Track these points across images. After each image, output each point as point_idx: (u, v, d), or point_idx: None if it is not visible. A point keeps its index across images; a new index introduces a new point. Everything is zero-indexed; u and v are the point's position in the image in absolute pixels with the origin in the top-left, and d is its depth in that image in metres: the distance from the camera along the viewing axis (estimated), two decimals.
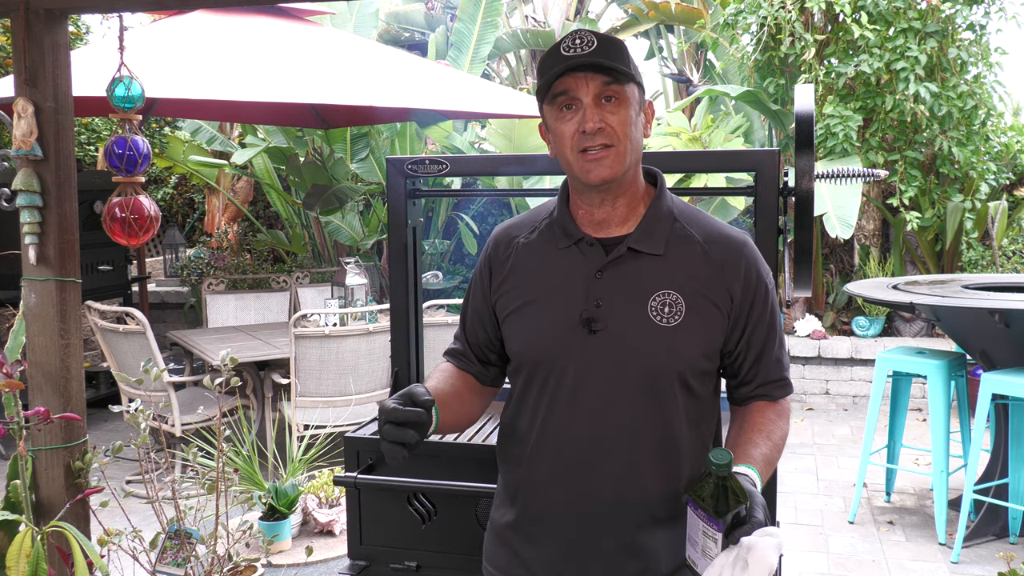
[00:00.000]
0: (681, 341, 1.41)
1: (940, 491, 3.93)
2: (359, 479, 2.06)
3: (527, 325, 1.49)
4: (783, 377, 1.51)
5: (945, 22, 6.39)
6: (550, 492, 1.47)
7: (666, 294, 1.42)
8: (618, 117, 1.39)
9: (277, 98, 4.93)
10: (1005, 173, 6.92)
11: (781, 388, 1.51)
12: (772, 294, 1.49)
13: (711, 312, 1.43)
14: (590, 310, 1.43)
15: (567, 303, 1.45)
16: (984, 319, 3.70)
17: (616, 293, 1.43)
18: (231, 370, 2.56)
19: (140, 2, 2.48)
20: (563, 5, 9.15)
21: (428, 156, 2.29)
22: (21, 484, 2.17)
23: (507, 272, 1.54)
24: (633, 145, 1.42)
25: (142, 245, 3.88)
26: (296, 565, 3.41)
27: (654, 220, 1.47)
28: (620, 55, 1.40)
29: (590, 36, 1.40)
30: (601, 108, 1.39)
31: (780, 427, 1.49)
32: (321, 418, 4.48)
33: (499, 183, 6.87)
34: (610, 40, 1.41)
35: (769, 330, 1.48)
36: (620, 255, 1.44)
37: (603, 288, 1.44)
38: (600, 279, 1.44)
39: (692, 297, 1.42)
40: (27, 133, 2.09)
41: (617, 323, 1.42)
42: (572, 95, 1.40)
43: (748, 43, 7.09)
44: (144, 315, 4.73)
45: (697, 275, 1.43)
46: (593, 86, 1.38)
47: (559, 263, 1.48)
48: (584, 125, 1.38)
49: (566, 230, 1.49)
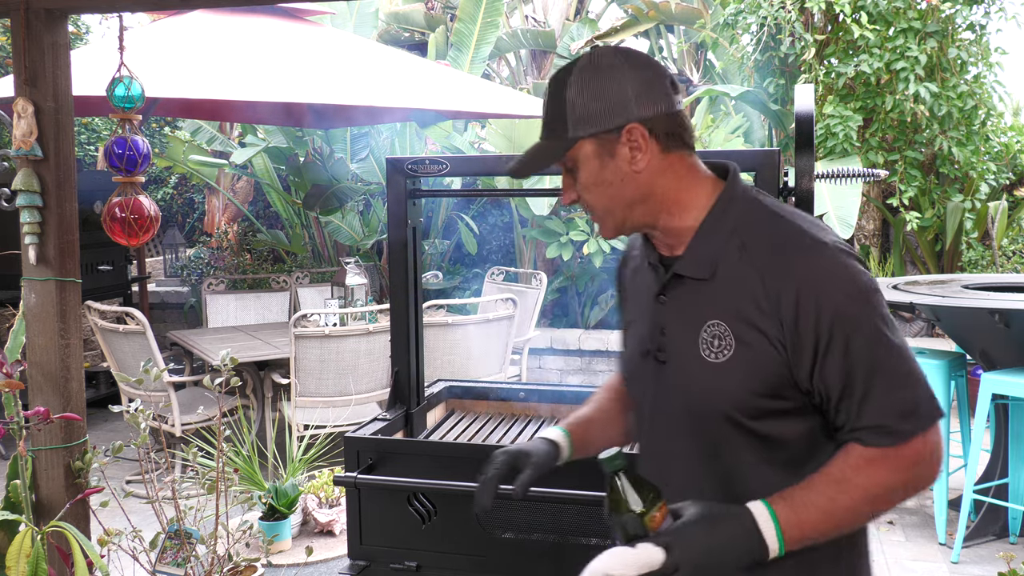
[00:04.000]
0: (725, 380, 1.23)
1: (940, 491, 3.93)
2: (359, 479, 2.06)
3: (625, 348, 1.45)
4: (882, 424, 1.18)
5: (945, 22, 6.39)
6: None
7: (715, 325, 1.24)
8: (581, 184, 1.29)
9: (277, 98, 4.93)
10: (1005, 173, 6.92)
11: (879, 435, 1.18)
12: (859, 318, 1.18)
13: (760, 344, 1.21)
14: (655, 338, 1.32)
15: (645, 328, 1.36)
16: (984, 319, 3.70)
17: (675, 321, 1.30)
18: (231, 370, 2.56)
19: (140, 2, 2.48)
20: (563, 5, 9.15)
21: (428, 156, 2.29)
22: (21, 484, 2.17)
23: (625, 289, 1.50)
24: (612, 200, 1.28)
25: (142, 245, 3.88)
26: (296, 565, 3.41)
27: (706, 236, 1.27)
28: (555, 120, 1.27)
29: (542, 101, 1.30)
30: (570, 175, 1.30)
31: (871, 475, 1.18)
32: (321, 418, 4.47)
33: (499, 183, 6.87)
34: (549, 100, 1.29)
35: (852, 362, 1.17)
36: (668, 280, 1.31)
37: (666, 314, 1.31)
38: (663, 304, 1.32)
39: (742, 328, 1.22)
40: (27, 133, 2.09)
41: (674, 355, 1.30)
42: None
43: (748, 43, 7.09)
44: (144, 315, 4.73)
45: (748, 301, 1.21)
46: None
47: (643, 283, 1.38)
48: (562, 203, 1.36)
49: (645, 249, 1.38)
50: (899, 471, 1.19)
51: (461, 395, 2.76)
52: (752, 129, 7.49)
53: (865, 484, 1.19)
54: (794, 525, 1.17)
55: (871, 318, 1.18)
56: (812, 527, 1.18)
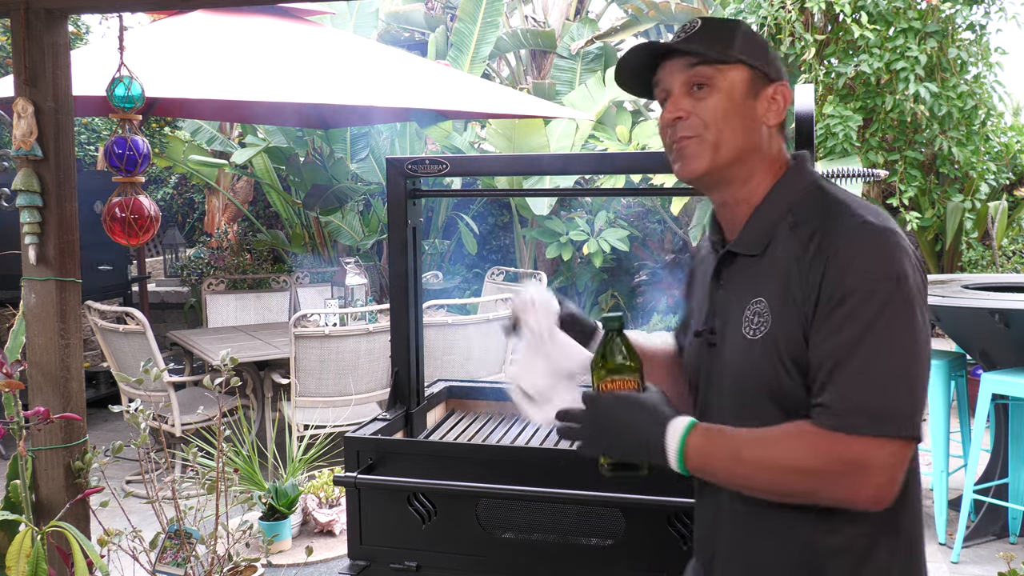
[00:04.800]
0: (765, 354, 1.21)
1: (940, 491, 3.93)
2: (359, 479, 2.06)
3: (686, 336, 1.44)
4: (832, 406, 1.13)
5: (945, 22, 6.39)
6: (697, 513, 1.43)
7: (757, 302, 1.23)
8: (707, 104, 1.24)
9: (277, 98, 4.93)
10: (1005, 173, 6.92)
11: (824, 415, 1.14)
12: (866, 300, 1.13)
13: (794, 321, 1.19)
14: (709, 321, 1.33)
15: (701, 314, 1.37)
16: (984, 319, 3.70)
17: (727, 302, 1.30)
18: (231, 370, 2.56)
19: (140, 2, 2.48)
20: (563, 5, 9.15)
21: (428, 156, 2.29)
22: (21, 484, 2.17)
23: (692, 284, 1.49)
24: (729, 134, 1.24)
25: (142, 245, 3.89)
26: (296, 565, 3.41)
27: (763, 215, 1.27)
28: (717, 37, 1.25)
29: (695, 20, 1.28)
30: (689, 96, 1.26)
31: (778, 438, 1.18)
32: (321, 418, 4.48)
33: (499, 183, 6.88)
34: (715, 22, 1.27)
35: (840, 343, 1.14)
36: (724, 259, 1.31)
37: (721, 298, 1.32)
38: (719, 287, 1.32)
39: (780, 304, 1.20)
40: (27, 133, 2.09)
41: (723, 335, 1.31)
42: (663, 85, 1.29)
43: None
44: (144, 315, 4.73)
45: (786, 276, 1.20)
46: (678, 72, 1.26)
47: (706, 269, 1.39)
48: (663, 116, 1.27)
49: (712, 235, 1.39)
50: (821, 458, 1.13)
51: (461, 395, 2.76)
52: None
53: (780, 451, 1.17)
54: (700, 452, 1.20)
55: (882, 303, 1.13)
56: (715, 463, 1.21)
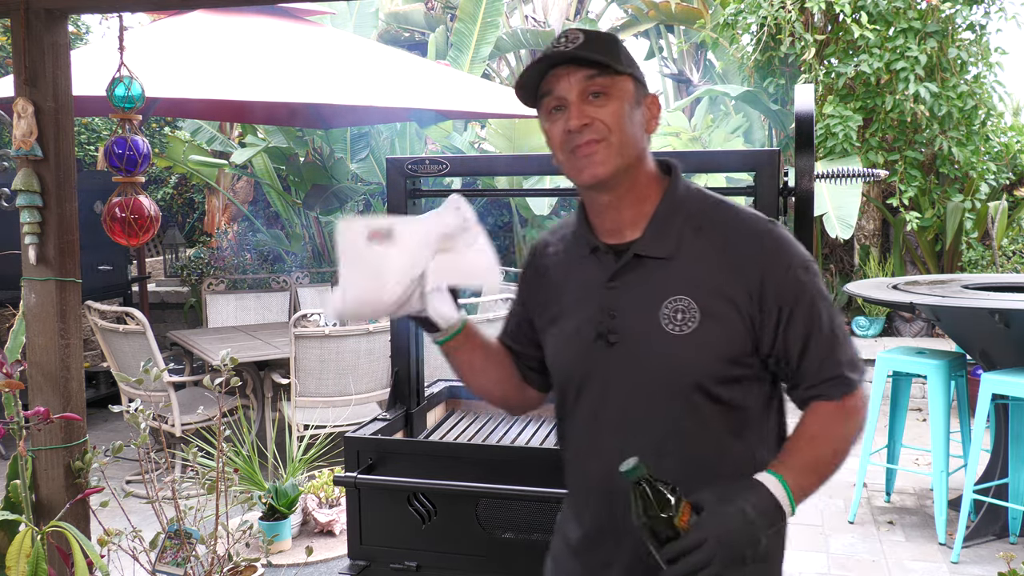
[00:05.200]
0: (695, 349, 1.31)
1: (940, 491, 3.93)
2: (359, 479, 2.06)
3: (556, 338, 1.45)
4: (839, 375, 1.35)
5: (945, 22, 6.39)
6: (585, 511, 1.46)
7: (678, 300, 1.32)
8: (608, 110, 1.31)
9: (277, 98, 4.93)
10: (1005, 173, 6.92)
11: (837, 386, 1.35)
12: (811, 285, 1.34)
13: (730, 315, 1.32)
14: (605, 322, 1.37)
15: (587, 315, 1.39)
16: (984, 319, 3.69)
17: (629, 302, 1.36)
18: (231, 370, 2.56)
19: (140, 2, 2.48)
20: (563, 5, 9.16)
21: (428, 156, 2.29)
22: (21, 484, 2.17)
23: (542, 283, 1.50)
24: (628, 139, 1.33)
25: (142, 245, 3.88)
26: (296, 565, 3.41)
27: (663, 220, 1.37)
28: (608, 48, 1.32)
29: (577, 33, 1.33)
30: (588, 104, 1.31)
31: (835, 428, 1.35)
32: (321, 418, 4.47)
33: (499, 183, 6.88)
34: (598, 34, 1.34)
35: (810, 325, 1.33)
36: (627, 262, 1.37)
37: (616, 298, 1.37)
38: (613, 289, 1.37)
39: (707, 300, 1.32)
40: (27, 133, 2.09)
41: (631, 334, 1.35)
42: (557, 94, 1.33)
43: (748, 43, 7.09)
44: (144, 315, 4.73)
45: (712, 275, 1.33)
46: (576, 82, 1.31)
47: (580, 273, 1.43)
48: (569, 123, 1.31)
49: (585, 238, 1.43)
50: (852, 419, 1.36)
51: (461, 395, 2.76)
52: (752, 129, 7.49)
53: (832, 437, 1.35)
54: (797, 486, 1.29)
55: (818, 285, 1.35)
56: (808, 484, 1.32)
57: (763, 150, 2.09)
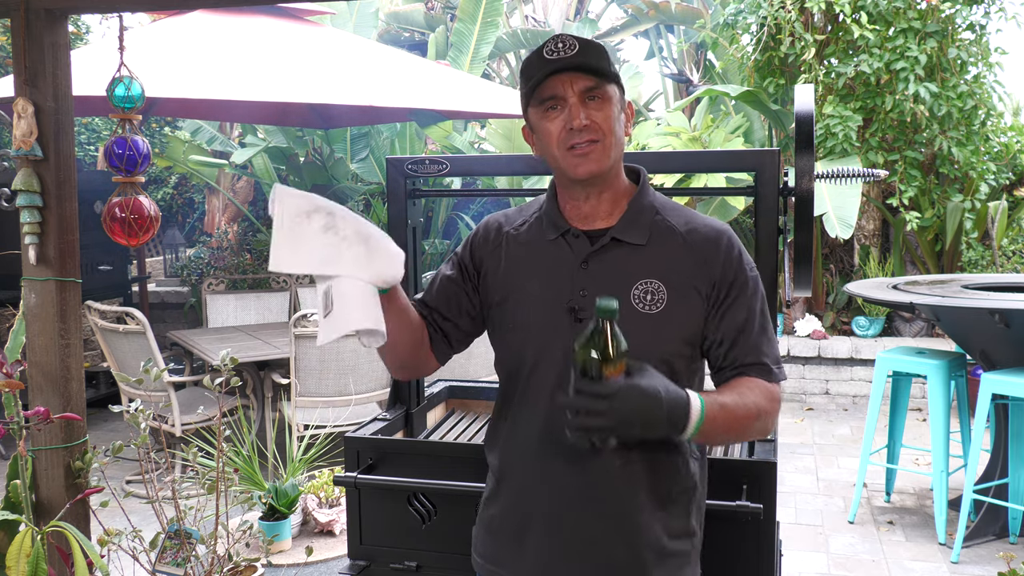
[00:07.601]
0: (663, 327, 1.46)
1: (940, 491, 3.93)
2: (359, 479, 2.07)
3: (517, 314, 1.53)
4: (762, 362, 1.50)
5: (945, 22, 6.39)
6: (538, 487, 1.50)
7: (648, 282, 1.47)
8: (603, 114, 1.46)
9: (277, 98, 4.93)
10: (1005, 173, 6.92)
11: (763, 373, 1.50)
12: (754, 284, 1.51)
13: (694, 300, 1.48)
14: (575, 299, 1.48)
15: (555, 293, 1.50)
16: (984, 319, 3.70)
17: (600, 282, 1.47)
18: (231, 370, 2.56)
19: (140, 2, 2.48)
20: (563, 5, 9.16)
21: (428, 156, 2.29)
22: (21, 484, 2.17)
23: (496, 262, 1.58)
24: (617, 141, 1.48)
25: (142, 245, 3.88)
26: (296, 565, 3.41)
27: (637, 213, 1.52)
28: (602, 57, 1.46)
29: (571, 40, 1.46)
30: (586, 106, 1.45)
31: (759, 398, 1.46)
32: (321, 418, 4.47)
33: (499, 183, 6.88)
34: (591, 43, 1.48)
35: (748, 318, 1.49)
36: (604, 244, 1.50)
37: (588, 278, 1.49)
38: (585, 269, 1.49)
39: (675, 285, 1.47)
40: (27, 133, 2.09)
41: None
42: (558, 96, 1.46)
43: (748, 43, 7.09)
44: (144, 315, 4.73)
45: (679, 264, 1.49)
46: (578, 86, 1.44)
47: (547, 254, 1.54)
48: (571, 123, 1.44)
49: (554, 223, 1.54)
50: (771, 403, 1.49)
51: (461, 395, 2.76)
52: (752, 129, 7.48)
53: (754, 403, 1.46)
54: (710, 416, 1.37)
55: (761, 287, 1.54)
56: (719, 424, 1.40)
57: (763, 150, 2.09)
